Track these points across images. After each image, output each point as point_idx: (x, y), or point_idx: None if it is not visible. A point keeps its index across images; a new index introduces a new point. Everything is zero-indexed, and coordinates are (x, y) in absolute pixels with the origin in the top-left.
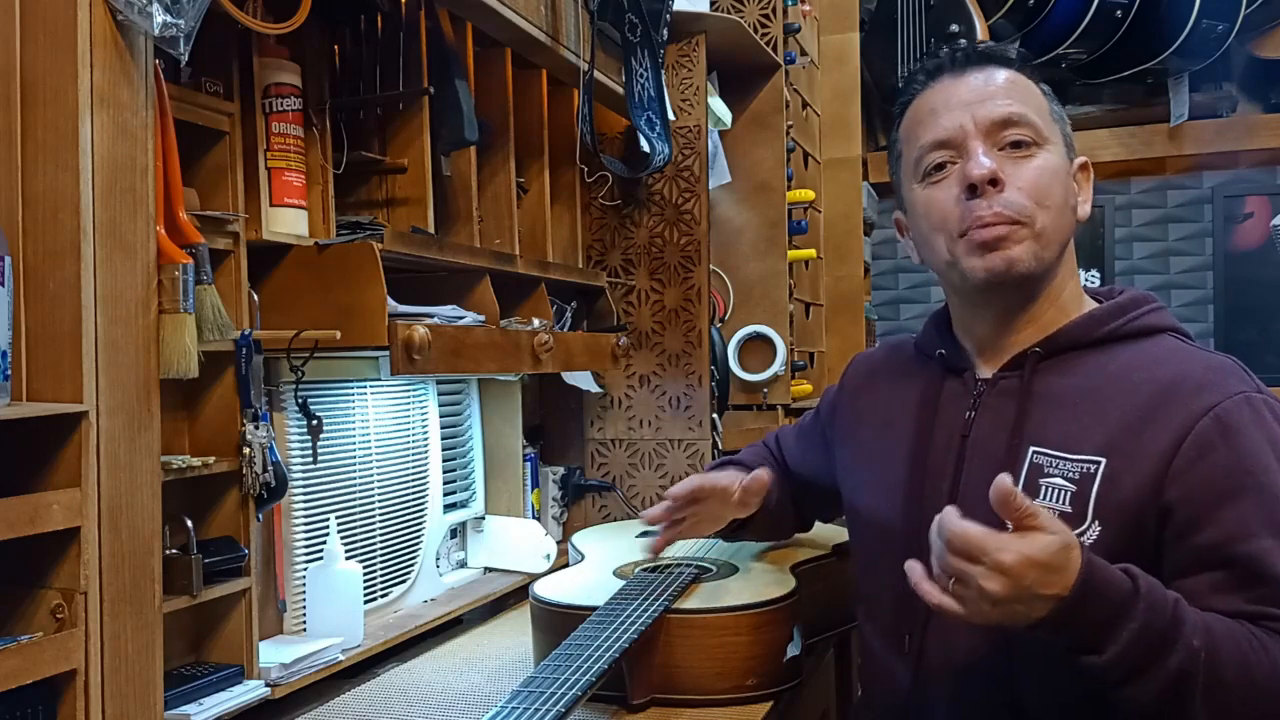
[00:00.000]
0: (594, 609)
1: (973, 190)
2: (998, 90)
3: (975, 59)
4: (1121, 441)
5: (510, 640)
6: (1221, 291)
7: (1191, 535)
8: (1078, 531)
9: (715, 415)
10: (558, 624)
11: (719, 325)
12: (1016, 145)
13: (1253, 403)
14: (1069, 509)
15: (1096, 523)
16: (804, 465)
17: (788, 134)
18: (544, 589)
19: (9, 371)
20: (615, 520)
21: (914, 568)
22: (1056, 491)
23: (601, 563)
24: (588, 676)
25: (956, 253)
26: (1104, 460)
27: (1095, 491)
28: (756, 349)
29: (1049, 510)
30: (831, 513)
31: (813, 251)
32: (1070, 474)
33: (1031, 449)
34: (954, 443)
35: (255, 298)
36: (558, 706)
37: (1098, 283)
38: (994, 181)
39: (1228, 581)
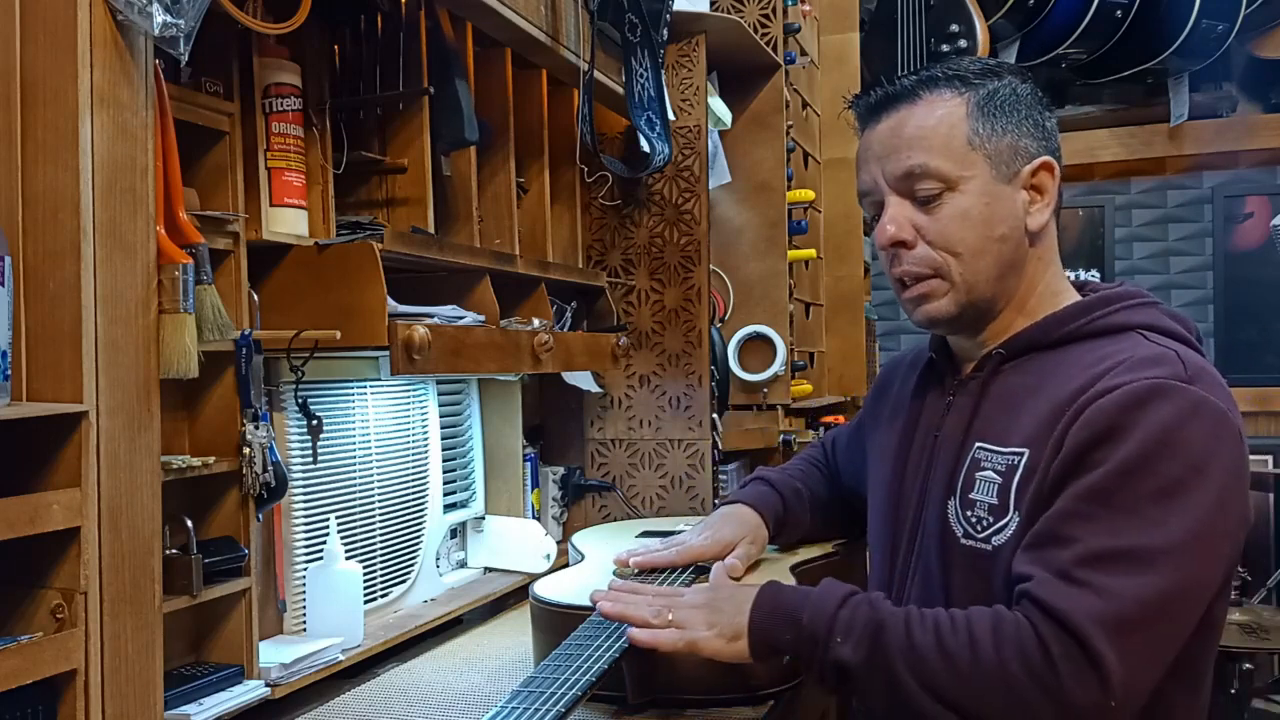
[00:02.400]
0: (594, 609)
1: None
2: (900, 142)
3: (887, 101)
4: (1041, 432)
5: (510, 640)
6: (1221, 291)
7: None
8: (1002, 522)
9: (715, 415)
10: (558, 624)
11: (719, 325)
12: (925, 197)
13: (1162, 389)
14: (995, 500)
15: (1016, 513)
16: (848, 470)
17: (788, 134)
18: (544, 589)
19: (9, 371)
20: (615, 520)
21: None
22: (987, 485)
23: (601, 563)
24: (588, 676)
25: (899, 298)
26: (1026, 452)
27: (1016, 482)
28: (756, 349)
29: (980, 502)
30: None
31: (813, 251)
32: (999, 466)
33: (975, 444)
34: (929, 441)
35: (255, 298)
36: (558, 706)
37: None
38: (901, 243)
39: (1031, 538)
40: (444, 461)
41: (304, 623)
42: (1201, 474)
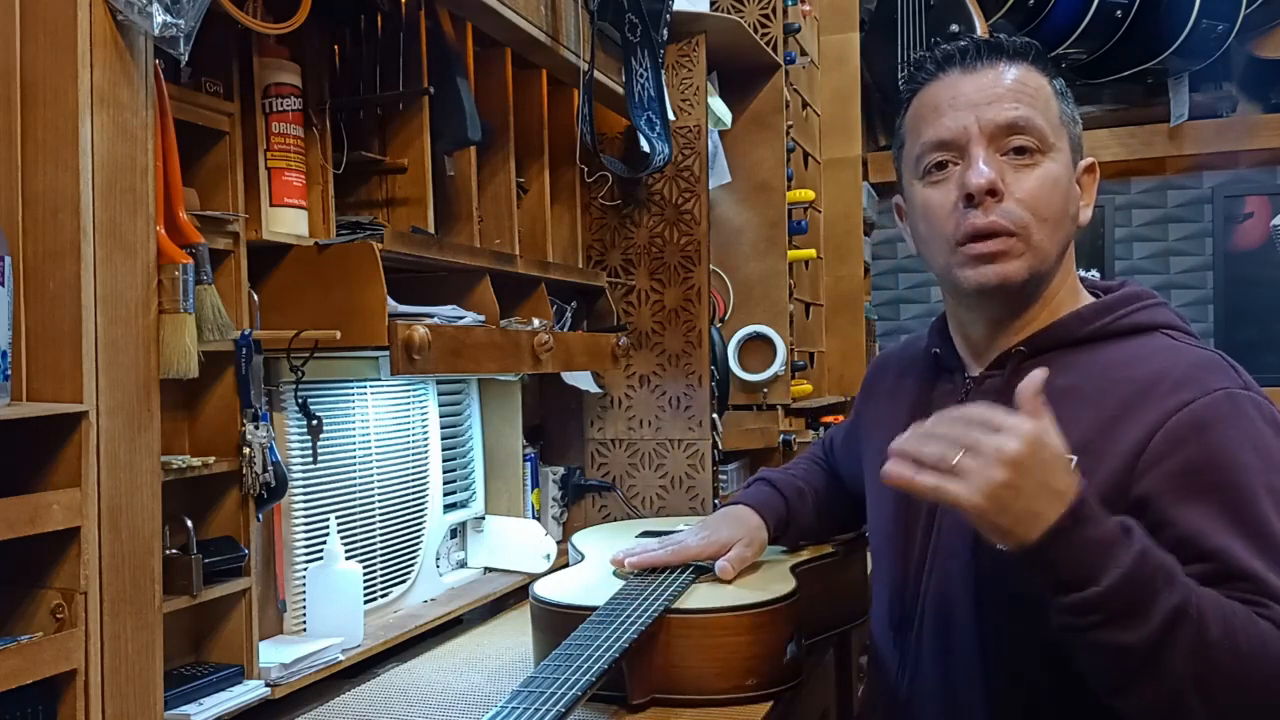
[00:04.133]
0: (594, 609)
1: (970, 199)
2: (1005, 92)
3: (987, 52)
4: (1094, 440)
5: (510, 640)
6: (1221, 291)
7: (1159, 532)
8: None
9: (715, 415)
10: (558, 624)
11: (719, 325)
12: (1020, 152)
13: (1234, 399)
14: None
15: None
16: (845, 467)
17: (788, 134)
18: (544, 589)
19: (9, 371)
20: (615, 520)
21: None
22: None
23: (601, 563)
24: (588, 676)
25: (951, 261)
26: (1074, 459)
27: None
28: (756, 349)
29: None
30: None
31: (813, 251)
32: None
33: None
34: None
35: (255, 298)
36: (558, 706)
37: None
38: (992, 192)
39: (1199, 577)
40: (444, 461)
41: (304, 623)
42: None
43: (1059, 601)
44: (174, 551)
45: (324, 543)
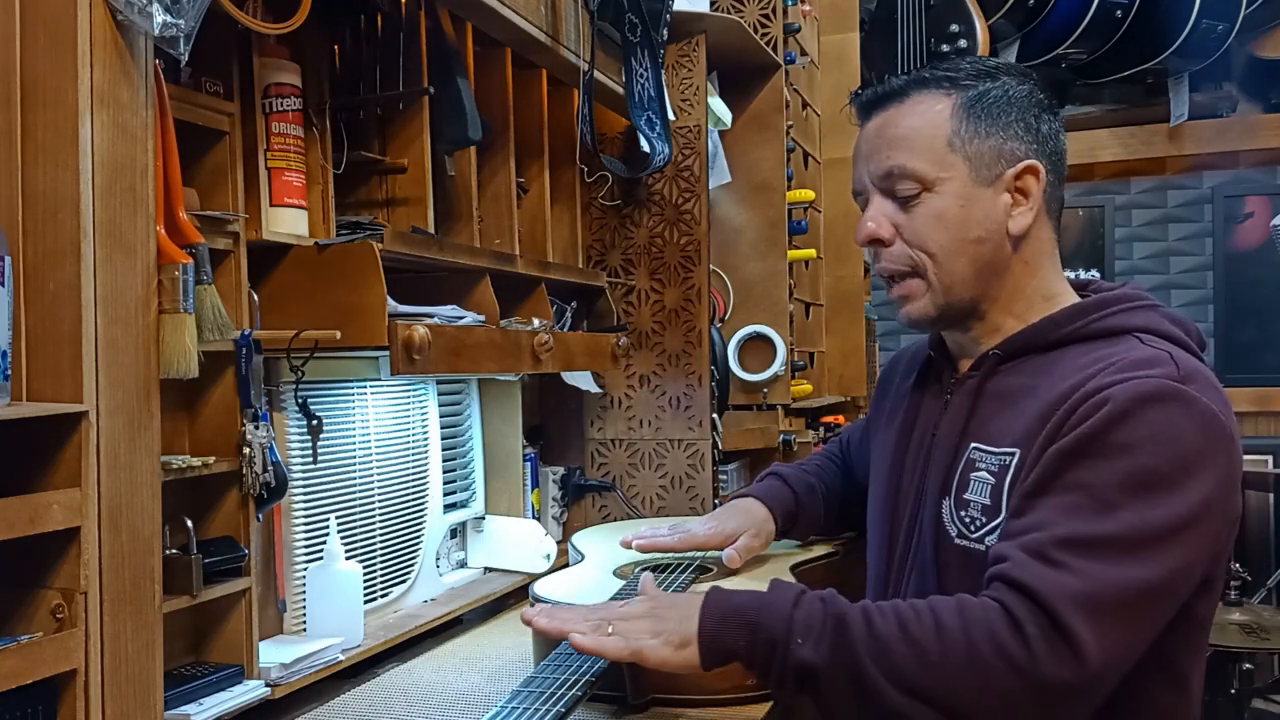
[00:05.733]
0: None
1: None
2: (883, 142)
3: (878, 101)
4: (1031, 432)
5: (510, 640)
6: (1221, 291)
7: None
8: (995, 522)
9: (715, 415)
10: None
11: (719, 325)
12: (904, 199)
13: (1155, 390)
14: (988, 501)
15: (1008, 513)
16: (860, 466)
17: (788, 134)
18: (544, 589)
19: (9, 371)
20: (615, 520)
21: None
22: (980, 485)
23: (601, 563)
24: (588, 676)
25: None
26: (1017, 451)
27: (1008, 482)
28: (756, 349)
29: (974, 502)
30: None
31: (813, 251)
32: (992, 467)
33: (971, 444)
34: (926, 440)
35: (255, 298)
36: (558, 706)
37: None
38: (878, 241)
39: (1009, 529)
40: (444, 461)
41: (304, 623)
42: (1188, 473)
43: (756, 673)
44: (174, 551)
45: (324, 543)
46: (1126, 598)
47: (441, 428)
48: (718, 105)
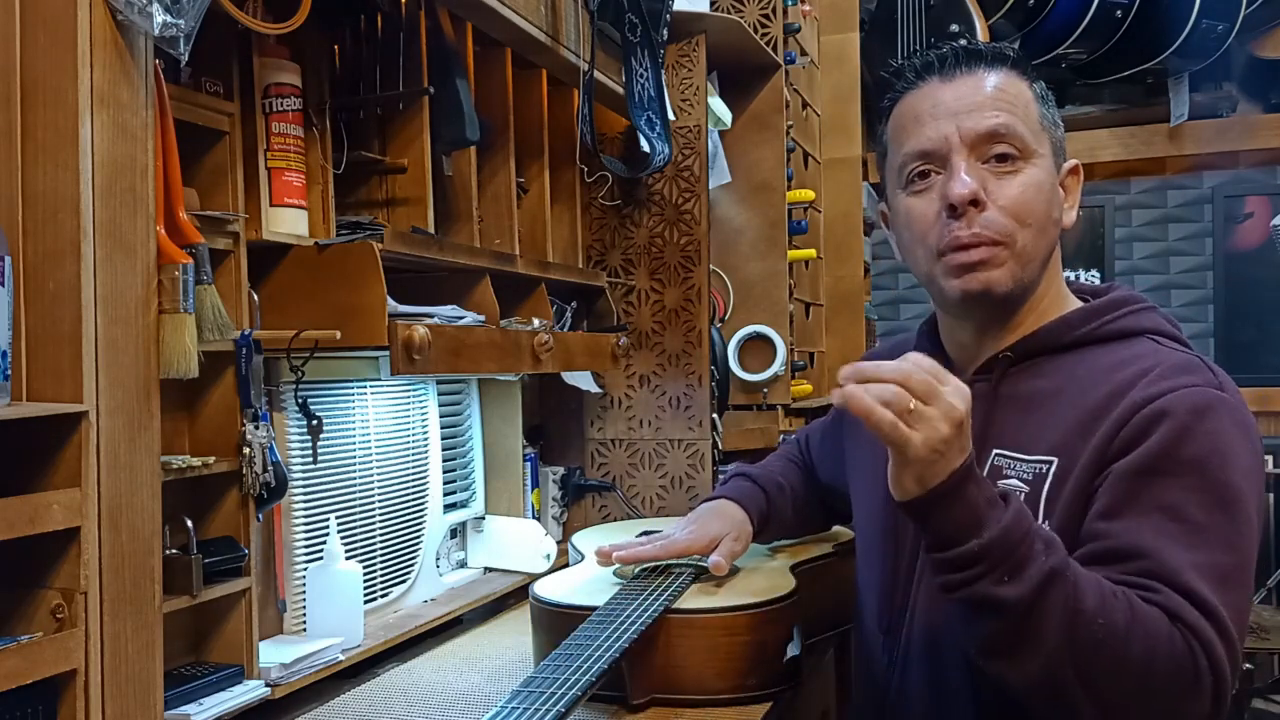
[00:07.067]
0: (594, 609)
1: (953, 209)
2: (985, 100)
3: (965, 60)
4: (1070, 441)
5: (510, 640)
6: (1221, 291)
7: (1094, 505)
8: None
9: (715, 415)
10: (558, 624)
11: (719, 325)
12: (1002, 159)
13: (1204, 396)
14: None
15: (1046, 521)
16: (823, 466)
17: (788, 134)
18: (544, 589)
19: (9, 371)
20: (615, 520)
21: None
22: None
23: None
24: (588, 676)
25: (935, 270)
26: (1055, 460)
27: (1046, 491)
28: (756, 349)
29: None
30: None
31: (813, 251)
32: (1025, 474)
33: (994, 451)
34: None
35: (255, 298)
36: (558, 706)
37: (1097, 283)
38: (975, 202)
39: (1102, 552)
40: (444, 461)
41: (304, 623)
42: (1247, 479)
43: (944, 556)
44: (174, 551)
45: (324, 543)
46: (1240, 626)
47: (441, 428)
48: (718, 105)
